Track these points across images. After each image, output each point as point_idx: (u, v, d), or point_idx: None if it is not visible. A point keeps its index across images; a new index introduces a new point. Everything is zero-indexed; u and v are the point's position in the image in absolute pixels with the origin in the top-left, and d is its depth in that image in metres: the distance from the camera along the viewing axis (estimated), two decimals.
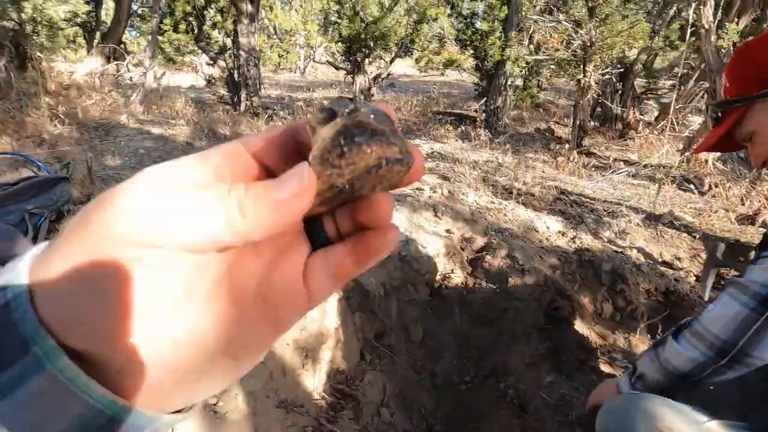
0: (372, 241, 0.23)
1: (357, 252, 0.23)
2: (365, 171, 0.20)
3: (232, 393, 1.49)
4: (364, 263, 0.23)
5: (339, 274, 0.24)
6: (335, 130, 0.20)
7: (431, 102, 6.85)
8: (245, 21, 6.28)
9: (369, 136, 0.20)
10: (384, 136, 0.20)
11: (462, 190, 3.33)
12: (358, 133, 0.20)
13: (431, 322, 2.49)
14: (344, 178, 0.20)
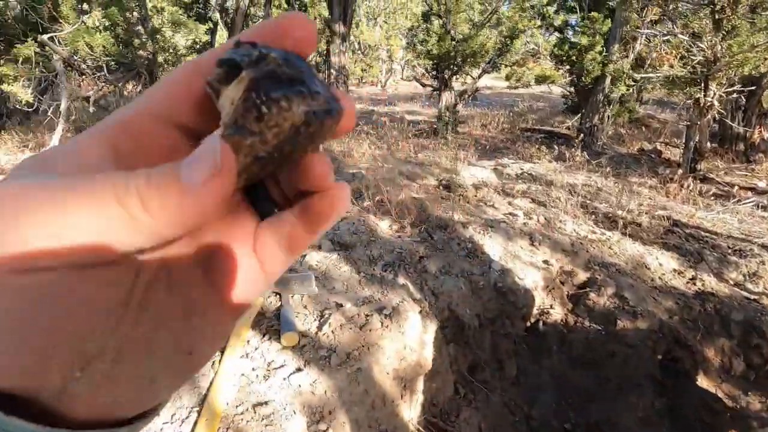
0: (318, 205, 0.19)
1: (306, 219, 0.20)
2: (292, 132, 0.16)
3: (340, 420, 1.53)
4: (315, 229, 0.20)
5: (292, 245, 0.20)
6: (245, 87, 0.16)
7: (518, 118, 6.63)
8: (337, 41, 6.61)
9: (287, 88, 0.16)
10: (304, 85, 0.16)
11: (559, 217, 3.15)
12: (273, 87, 0.16)
13: (526, 358, 2.37)
14: (269, 144, 0.16)
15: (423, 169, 4.24)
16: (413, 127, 6.43)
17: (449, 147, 5.08)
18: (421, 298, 2.17)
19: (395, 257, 2.45)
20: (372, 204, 2.97)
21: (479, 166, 4.43)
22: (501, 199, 3.49)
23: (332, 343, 1.77)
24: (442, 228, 2.83)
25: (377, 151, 4.87)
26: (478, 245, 2.66)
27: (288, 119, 0.16)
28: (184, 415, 1.40)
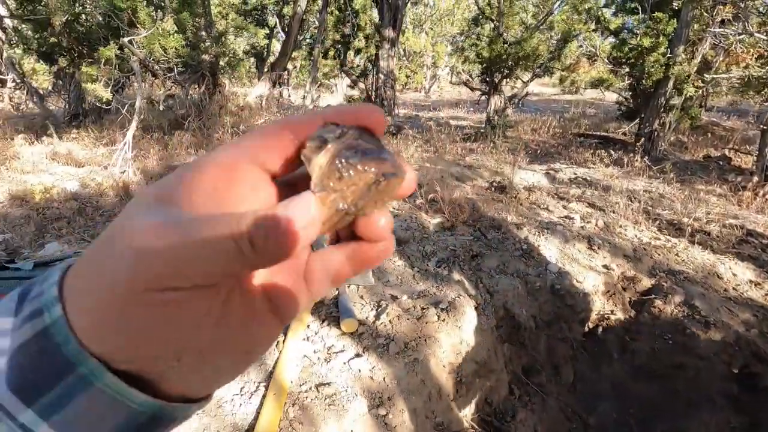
0: (369, 252, 0.24)
1: (354, 259, 0.24)
2: (366, 189, 0.20)
3: (399, 407, 1.53)
4: (360, 269, 0.24)
5: (337, 276, 0.24)
6: (330, 155, 0.20)
7: (570, 123, 6.42)
8: (387, 46, 6.69)
9: (362, 156, 0.20)
10: (375, 153, 0.20)
11: (619, 222, 3.02)
12: (351, 155, 0.20)
13: (584, 364, 2.28)
14: (347, 200, 0.20)
15: (472, 171, 4.19)
16: (459, 131, 6.39)
17: (498, 151, 5.00)
18: (476, 294, 2.14)
19: (449, 254, 2.44)
20: (424, 202, 2.97)
21: (530, 170, 4.33)
22: (555, 203, 3.39)
23: (390, 332, 1.78)
24: (495, 228, 2.78)
25: (425, 154, 4.88)
26: (534, 246, 2.59)
27: (362, 179, 0.20)
28: (253, 388, 1.45)
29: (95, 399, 0.19)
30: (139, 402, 0.19)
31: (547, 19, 5.23)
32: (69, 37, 3.80)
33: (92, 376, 0.19)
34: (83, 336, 0.19)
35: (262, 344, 0.24)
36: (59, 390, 0.19)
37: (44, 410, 0.19)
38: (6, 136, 4.22)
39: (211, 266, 0.19)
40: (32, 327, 0.19)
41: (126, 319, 0.18)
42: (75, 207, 3.12)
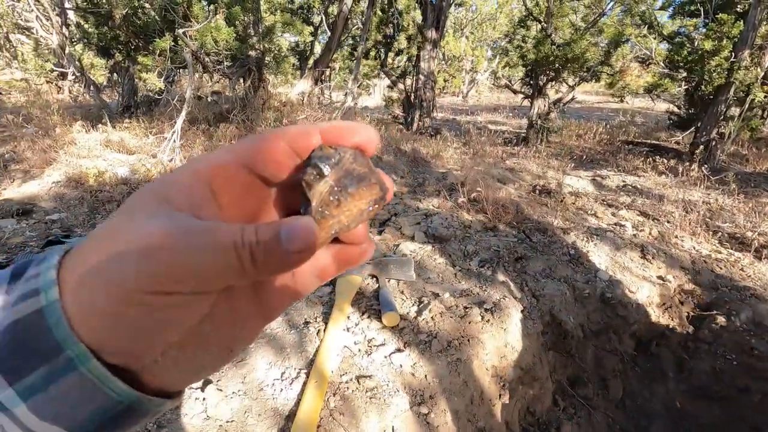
0: (352, 252, 0.25)
1: (339, 259, 0.25)
2: (358, 213, 0.23)
3: (441, 407, 1.46)
4: (343, 267, 0.26)
5: (323, 273, 0.26)
6: (329, 185, 0.22)
7: (618, 130, 6.15)
8: (428, 47, 6.65)
9: (357, 183, 0.22)
10: (367, 179, 0.23)
11: (674, 232, 2.83)
12: (349, 183, 0.22)
13: (635, 380, 2.13)
14: (342, 223, 0.23)
15: (514, 174, 4.07)
16: (499, 135, 6.24)
17: (541, 155, 4.84)
18: (521, 298, 2.04)
19: (492, 254, 2.35)
20: (466, 201, 2.89)
21: (575, 175, 4.16)
22: (603, 209, 3.23)
23: (432, 329, 1.72)
24: (540, 231, 2.67)
25: (464, 156, 4.79)
26: (582, 252, 2.46)
27: (357, 206, 0.23)
28: (294, 374, 1.42)
29: (77, 384, 0.19)
30: (119, 392, 0.20)
31: (598, 21, 5.03)
32: (127, 30, 3.97)
33: (78, 361, 0.19)
34: (75, 322, 0.19)
35: (245, 340, 0.25)
36: (43, 371, 0.18)
37: (25, 390, 0.18)
38: (65, 123, 4.46)
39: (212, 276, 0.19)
40: (27, 306, 0.19)
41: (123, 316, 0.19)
42: (125, 191, 3.23)
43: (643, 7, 5.44)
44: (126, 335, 0.19)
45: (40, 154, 3.62)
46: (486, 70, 14.49)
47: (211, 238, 0.19)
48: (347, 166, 0.23)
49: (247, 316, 0.24)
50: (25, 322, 0.19)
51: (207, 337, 0.22)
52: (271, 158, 0.23)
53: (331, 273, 0.25)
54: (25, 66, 7.67)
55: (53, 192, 3.16)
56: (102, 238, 0.20)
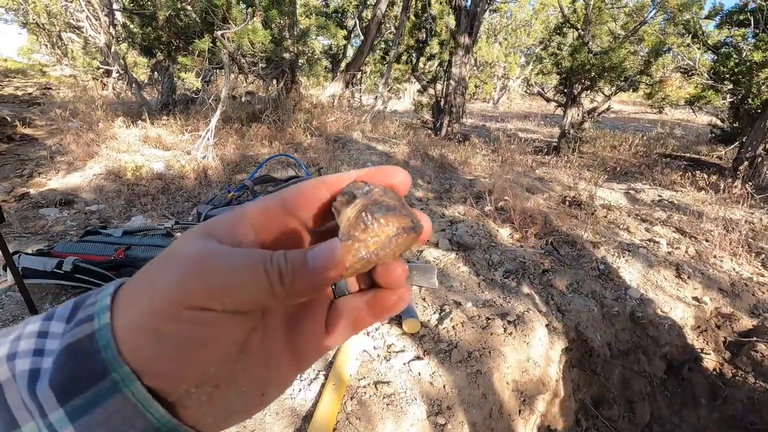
0: (387, 299, 0.25)
1: (373, 306, 0.25)
2: (386, 240, 0.23)
3: (459, 418, 1.44)
4: (379, 316, 0.25)
5: (357, 322, 0.25)
6: (357, 209, 0.23)
7: (655, 142, 5.93)
8: (461, 53, 6.60)
9: (385, 211, 0.23)
10: (396, 210, 0.23)
11: (713, 252, 2.70)
12: (376, 210, 0.23)
13: (664, 405, 2.04)
14: (369, 249, 0.22)
15: (543, 184, 3.98)
16: (529, 144, 6.13)
17: (573, 165, 4.72)
18: (546, 312, 1.99)
19: (517, 265, 2.30)
20: (492, 209, 2.85)
21: (608, 188, 4.03)
22: (636, 224, 3.11)
23: (452, 339, 1.70)
24: (569, 244, 2.60)
25: (492, 163, 4.72)
26: (612, 268, 2.38)
27: (384, 231, 0.22)
28: (312, 376, 1.43)
29: (119, 407, 0.19)
30: (158, 417, 0.20)
31: (638, 30, 4.86)
32: (169, 31, 4.13)
33: (122, 383, 0.19)
34: (121, 343, 0.20)
35: (277, 387, 0.25)
36: (90, 393, 0.19)
37: (73, 412, 0.19)
38: (108, 119, 4.67)
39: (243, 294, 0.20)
40: (81, 331, 0.20)
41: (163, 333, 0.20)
42: (160, 186, 3.36)
43: (688, 15, 5.23)
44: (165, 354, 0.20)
45: (84, 148, 3.81)
46: (518, 77, 14.26)
47: (244, 258, 0.21)
48: (376, 196, 0.24)
49: (281, 360, 0.25)
50: (78, 345, 0.20)
51: (241, 376, 0.23)
52: (309, 203, 0.25)
53: (364, 321, 0.25)
54: (74, 63, 8.09)
55: (93, 184, 3.31)
56: (153, 266, 0.22)
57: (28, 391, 0.20)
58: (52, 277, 1.66)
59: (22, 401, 0.20)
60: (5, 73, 9.01)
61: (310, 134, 4.37)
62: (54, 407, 0.19)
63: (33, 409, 0.20)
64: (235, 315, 0.21)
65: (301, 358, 0.25)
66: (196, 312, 0.20)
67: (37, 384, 0.20)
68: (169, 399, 0.21)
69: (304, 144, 4.11)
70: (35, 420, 0.19)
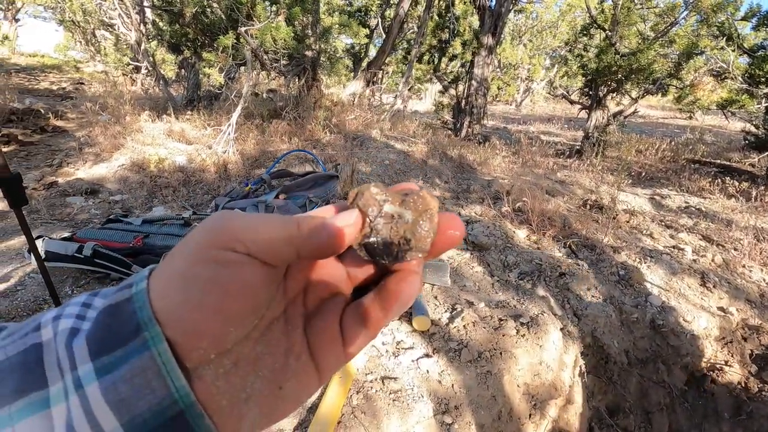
0: (391, 285, 0.25)
1: (381, 297, 0.25)
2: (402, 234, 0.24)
3: (466, 419, 1.42)
4: (389, 309, 0.25)
5: (369, 320, 0.25)
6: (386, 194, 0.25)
7: (683, 148, 5.73)
8: (483, 53, 6.53)
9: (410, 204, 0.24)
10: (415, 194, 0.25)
11: (741, 261, 2.58)
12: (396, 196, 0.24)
13: (684, 418, 1.96)
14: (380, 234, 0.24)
15: (564, 187, 3.89)
16: (551, 147, 6.01)
17: (595, 169, 4.60)
18: (561, 315, 1.94)
19: (533, 267, 2.25)
20: (510, 210, 2.80)
21: (632, 192, 3.91)
22: (660, 230, 3.01)
23: (463, 338, 1.67)
24: (588, 248, 2.53)
25: (512, 165, 4.65)
26: (633, 273, 2.31)
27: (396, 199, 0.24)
28: None
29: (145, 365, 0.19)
30: (178, 384, 0.20)
31: (669, 31, 4.71)
32: (195, 28, 4.22)
33: (151, 342, 0.20)
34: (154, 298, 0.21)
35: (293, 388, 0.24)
36: (120, 352, 0.20)
37: (102, 368, 0.20)
38: (135, 113, 4.80)
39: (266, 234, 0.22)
40: (120, 295, 0.21)
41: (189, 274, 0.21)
42: (181, 178, 3.43)
43: (722, 17, 5.04)
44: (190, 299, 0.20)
45: (111, 140, 3.93)
46: (543, 79, 14.01)
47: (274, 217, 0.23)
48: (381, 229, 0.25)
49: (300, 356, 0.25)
50: (116, 308, 0.21)
51: (260, 360, 0.23)
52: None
53: (375, 314, 0.25)
54: (105, 59, 8.37)
55: (118, 175, 3.41)
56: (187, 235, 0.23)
57: (65, 345, 0.21)
58: (72, 261, 1.72)
59: (56, 359, 0.20)
60: (42, 68, 9.39)
61: (329, 131, 4.40)
62: (85, 360, 0.20)
63: (65, 362, 0.20)
64: (256, 262, 0.22)
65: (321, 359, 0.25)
66: (221, 252, 0.21)
67: (75, 339, 0.21)
68: (188, 364, 0.21)
69: (323, 141, 4.13)
70: (64, 379, 0.20)
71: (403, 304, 0.25)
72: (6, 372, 0.20)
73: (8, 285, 1.75)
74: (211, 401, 0.21)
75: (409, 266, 0.25)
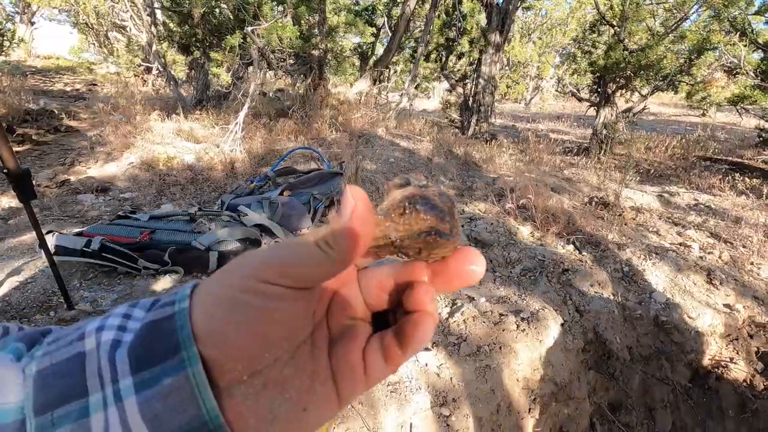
0: (407, 327, 0.26)
1: (399, 335, 0.26)
2: (416, 233, 0.23)
3: (464, 411, 1.43)
4: (406, 348, 0.26)
5: (389, 356, 0.26)
6: (404, 194, 0.24)
7: (694, 145, 5.65)
8: (491, 51, 6.50)
9: (429, 207, 0.23)
10: (441, 212, 0.24)
11: (750, 258, 2.54)
12: (421, 202, 0.23)
13: (687, 414, 1.94)
14: (398, 233, 0.23)
15: (570, 184, 3.87)
16: (559, 145, 5.96)
17: (603, 166, 4.56)
18: (563, 311, 1.94)
19: (536, 264, 2.25)
20: (514, 207, 2.80)
21: (639, 190, 3.87)
22: (667, 227, 2.98)
23: (463, 332, 1.68)
24: (593, 244, 2.51)
25: (518, 163, 4.63)
26: (637, 270, 2.29)
27: (417, 223, 0.23)
28: None
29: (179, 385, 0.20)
30: (209, 406, 0.21)
31: (680, 26, 4.64)
32: (204, 28, 4.28)
33: (188, 362, 0.21)
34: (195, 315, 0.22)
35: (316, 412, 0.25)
36: (158, 369, 0.21)
37: (141, 383, 0.21)
38: (145, 112, 4.89)
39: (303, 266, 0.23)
40: (162, 312, 0.22)
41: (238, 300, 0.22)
42: (189, 176, 3.49)
43: (735, 11, 4.95)
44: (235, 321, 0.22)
45: (122, 139, 4.00)
46: (552, 77, 13.90)
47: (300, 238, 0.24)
48: (429, 193, 0.24)
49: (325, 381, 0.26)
50: (158, 324, 0.22)
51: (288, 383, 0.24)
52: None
53: (394, 352, 0.26)
54: (117, 61, 8.52)
55: (128, 173, 3.48)
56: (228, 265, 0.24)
57: (108, 356, 0.22)
58: (81, 255, 1.76)
59: (98, 369, 0.21)
60: (57, 70, 9.59)
61: (335, 130, 4.43)
62: (126, 374, 0.21)
63: (107, 374, 0.21)
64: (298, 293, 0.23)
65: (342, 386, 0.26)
66: (269, 286, 0.22)
67: (117, 351, 0.22)
68: (221, 383, 0.21)
69: (329, 139, 4.16)
70: (104, 389, 0.21)
71: (419, 344, 0.26)
72: (51, 377, 0.21)
73: (20, 278, 1.81)
74: (239, 420, 0.22)
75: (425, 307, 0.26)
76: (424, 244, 0.24)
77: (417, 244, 0.24)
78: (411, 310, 0.26)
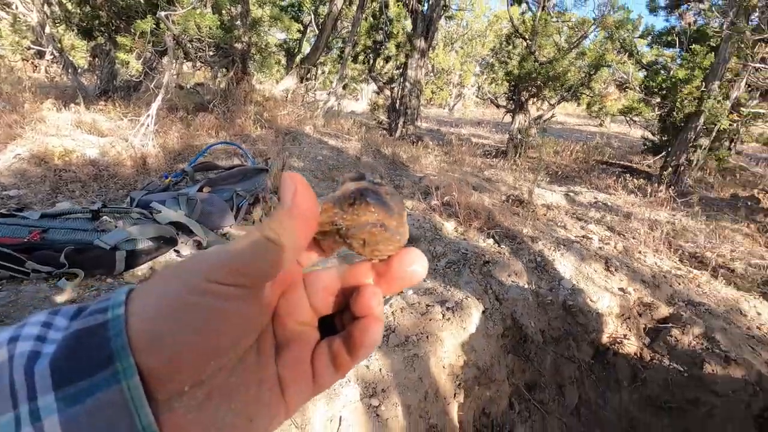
0: (355, 332, 0.25)
1: (348, 342, 0.25)
2: (363, 223, 0.23)
3: (393, 400, 1.44)
4: (356, 354, 0.25)
5: (338, 363, 0.26)
6: (357, 186, 0.24)
7: (594, 150, 6.32)
8: (416, 56, 6.72)
9: (378, 201, 0.23)
10: (390, 209, 0.24)
11: (638, 248, 2.90)
12: (372, 196, 0.23)
13: (591, 389, 2.16)
14: (345, 221, 0.23)
15: (490, 184, 4.12)
16: (480, 148, 6.33)
17: (519, 168, 4.93)
18: (484, 299, 2.05)
19: (459, 257, 2.36)
20: (439, 204, 2.91)
21: (549, 189, 4.24)
22: (573, 222, 3.29)
23: (391, 324, 1.70)
24: (510, 238, 2.70)
25: (443, 164, 4.83)
26: (548, 260, 2.50)
27: (365, 214, 0.23)
28: None
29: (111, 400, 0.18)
30: (145, 422, 0.19)
31: (580, 43, 5.19)
32: (109, 11, 3.88)
33: (122, 374, 0.18)
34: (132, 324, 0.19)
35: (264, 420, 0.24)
36: (87, 383, 0.18)
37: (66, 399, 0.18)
38: (36, 100, 4.30)
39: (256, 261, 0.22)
40: (93, 320, 0.20)
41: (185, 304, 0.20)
42: (92, 172, 3.13)
43: (624, 33, 5.65)
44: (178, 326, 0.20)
45: (5, 129, 3.48)
46: (473, 85, 14.74)
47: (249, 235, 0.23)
48: (380, 189, 0.24)
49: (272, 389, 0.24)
50: (88, 333, 0.19)
51: (233, 392, 0.22)
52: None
53: (343, 358, 0.26)
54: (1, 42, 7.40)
55: (14, 167, 3.03)
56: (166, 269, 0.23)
57: (24, 370, 0.19)
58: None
59: (9, 385, 0.18)
60: None
61: (260, 126, 4.26)
62: (47, 390, 0.18)
63: (22, 391, 0.18)
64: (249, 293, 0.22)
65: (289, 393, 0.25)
66: (220, 286, 0.21)
67: (36, 363, 0.19)
68: (159, 396, 0.19)
69: (253, 136, 3.99)
70: (17, 408, 0.18)
71: (369, 349, 0.25)
72: None
73: None
74: None
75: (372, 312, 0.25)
76: (369, 236, 0.23)
77: (362, 234, 0.23)
78: (359, 315, 0.26)
